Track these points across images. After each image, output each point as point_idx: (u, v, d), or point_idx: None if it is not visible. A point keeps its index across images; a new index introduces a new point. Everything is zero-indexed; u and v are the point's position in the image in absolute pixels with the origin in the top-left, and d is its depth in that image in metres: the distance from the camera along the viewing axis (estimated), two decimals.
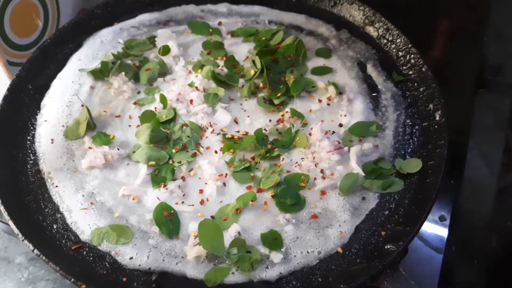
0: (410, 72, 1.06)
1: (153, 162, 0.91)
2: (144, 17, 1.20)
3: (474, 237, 1.04)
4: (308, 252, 0.80)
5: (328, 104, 1.02)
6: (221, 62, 1.09)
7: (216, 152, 0.94)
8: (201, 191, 0.89)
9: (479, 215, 1.07)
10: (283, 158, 0.92)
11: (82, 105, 1.00)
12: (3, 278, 1.08)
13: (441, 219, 0.99)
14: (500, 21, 1.30)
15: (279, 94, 1.02)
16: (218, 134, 0.96)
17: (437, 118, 0.95)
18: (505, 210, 1.16)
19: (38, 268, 1.09)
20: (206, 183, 0.89)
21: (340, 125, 0.98)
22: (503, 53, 1.31)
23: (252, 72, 1.06)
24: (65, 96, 1.03)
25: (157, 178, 0.90)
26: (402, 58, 1.08)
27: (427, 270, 0.91)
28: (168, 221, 0.83)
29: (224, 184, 0.89)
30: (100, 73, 1.06)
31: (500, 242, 1.10)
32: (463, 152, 1.12)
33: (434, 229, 0.97)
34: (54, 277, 1.08)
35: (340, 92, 1.03)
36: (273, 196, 0.87)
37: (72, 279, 0.74)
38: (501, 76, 1.35)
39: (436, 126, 0.95)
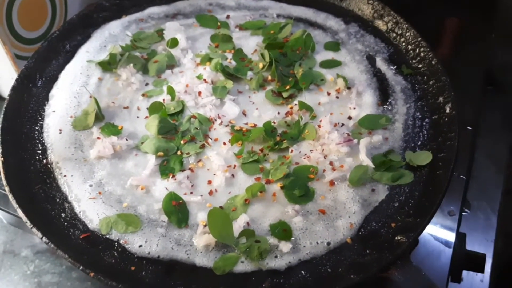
0: (420, 66, 1.05)
1: (161, 153, 0.91)
2: (153, 10, 1.20)
3: (481, 234, 1.03)
4: (317, 242, 0.80)
5: (337, 97, 1.01)
6: (229, 55, 1.09)
7: (224, 143, 0.93)
8: (209, 182, 0.88)
9: (486, 213, 1.06)
10: (291, 150, 0.92)
11: (90, 96, 1.00)
12: (9, 271, 1.07)
13: (450, 213, 0.98)
14: (509, 19, 1.29)
15: (287, 87, 1.02)
16: (227, 126, 0.96)
17: (448, 111, 0.95)
18: None
19: (43, 262, 1.08)
20: (214, 174, 0.89)
21: (349, 117, 0.97)
22: None
23: (261, 65, 1.06)
24: (74, 87, 1.02)
25: (166, 169, 0.89)
26: (411, 51, 1.08)
27: (437, 263, 0.90)
28: (177, 211, 0.83)
29: (233, 175, 0.89)
30: (109, 65, 1.06)
31: (506, 241, 1.09)
32: (471, 149, 1.11)
33: (444, 223, 0.96)
34: (60, 270, 1.07)
35: (349, 86, 1.02)
36: (282, 188, 0.86)
37: (81, 267, 0.74)
38: (510, 75, 1.35)
39: (446, 119, 0.94)
